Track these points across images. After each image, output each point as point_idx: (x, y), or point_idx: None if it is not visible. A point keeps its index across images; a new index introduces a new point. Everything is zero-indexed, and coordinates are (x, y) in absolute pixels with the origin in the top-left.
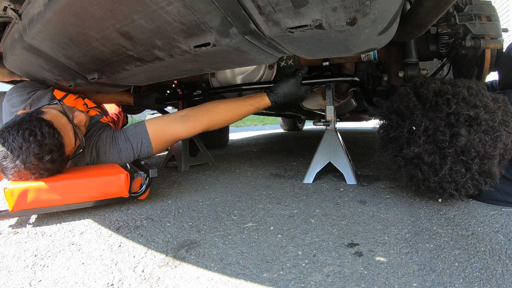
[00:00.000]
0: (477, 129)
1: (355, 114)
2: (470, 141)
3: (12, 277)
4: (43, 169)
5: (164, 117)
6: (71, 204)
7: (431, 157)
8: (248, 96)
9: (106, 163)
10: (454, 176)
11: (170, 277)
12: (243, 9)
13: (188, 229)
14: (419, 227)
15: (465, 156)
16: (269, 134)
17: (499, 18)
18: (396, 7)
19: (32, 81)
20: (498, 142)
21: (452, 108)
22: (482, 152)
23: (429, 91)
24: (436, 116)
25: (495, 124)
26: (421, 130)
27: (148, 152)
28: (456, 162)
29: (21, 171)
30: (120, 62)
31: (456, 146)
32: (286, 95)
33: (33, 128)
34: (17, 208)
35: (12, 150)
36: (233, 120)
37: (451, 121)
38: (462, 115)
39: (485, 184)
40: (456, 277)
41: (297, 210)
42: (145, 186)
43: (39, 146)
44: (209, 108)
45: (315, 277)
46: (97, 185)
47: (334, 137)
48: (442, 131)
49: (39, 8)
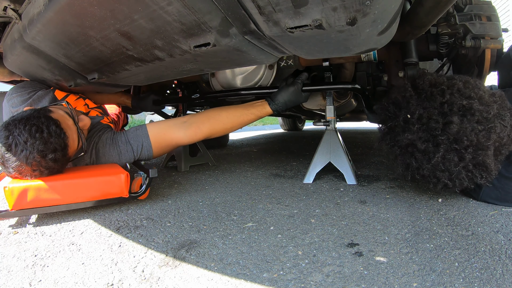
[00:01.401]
0: (470, 119)
1: (355, 114)
2: (463, 129)
3: (12, 277)
4: (45, 167)
5: (166, 121)
6: (71, 204)
7: (424, 144)
8: (250, 104)
9: (106, 164)
10: (447, 165)
11: (170, 277)
12: (243, 9)
13: (188, 229)
14: (419, 227)
15: (458, 145)
16: (269, 134)
17: (499, 18)
18: (396, 7)
19: (32, 82)
20: (492, 133)
21: (446, 98)
22: (475, 142)
23: (424, 82)
24: (430, 105)
25: (489, 115)
26: (415, 118)
27: (148, 155)
28: (449, 151)
29: (22, 166)
30: (120, 62)
31: (449, 134)
32: (287, 104)
33: (41, 125)
34: (17, 207)
35: (16, 143)
36: (235, 128)
37: (444, 110)
38: (456, 105)
39: (481, 178)
40: (456, 277)
41: (297, 210)
42: (145, 186)
43: (44, 144)
44: (210, 115)
45: (315, 277)
46: (97, 185)
47: (334, 137)
48: (435, 119)
49: (39, 8)
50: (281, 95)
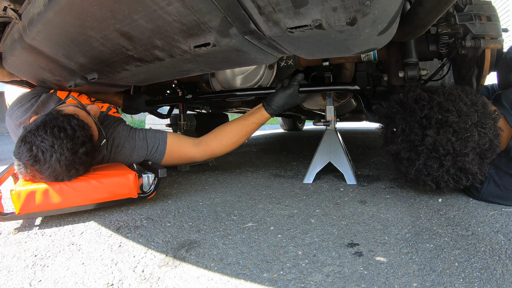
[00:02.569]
0: (446, 131)
1: (355, 114)
2: (438, 140)
3: (12, 277)
4: (79, 163)
5: (184, 136)
6: (79, 206)
7: (408, 154)
8: (248, 113)
9: (112, 164)
10: (429, 170)
11: (170, 277)
12: (243, 9)
13: (188, 229)
14: (419, 227)
15: (436, 153)
16: (269, 134)
17: (499, 18)
18: (396, 7)
19: (29, 91)
20: (468, 142)
21: (424, 113)
22: (451, 150)
23: (409, 99)
24: (411, 119)
25: (466, 125)
26: (399, 131)
27: (158, 159)
28: (429, 158)
29: (57, 170)
30: (120, 62)
31: (426, 145)
32: (284, 107)
33: (61, 123)
34: (23, 211)
35: (43, 151)
36: (241, 141)
37: (423, 124)
38: (433, 119)
39: (467, 180)
40: (456, 277)
41: (297, 210)
42: (154, 186)
43: (71, 140)
44: (217, 133)
45: (315, 277)
46: (106, 186)
47: (334, 137)
48: (415, 131)
49: (39, 8)
50: (277, 99)
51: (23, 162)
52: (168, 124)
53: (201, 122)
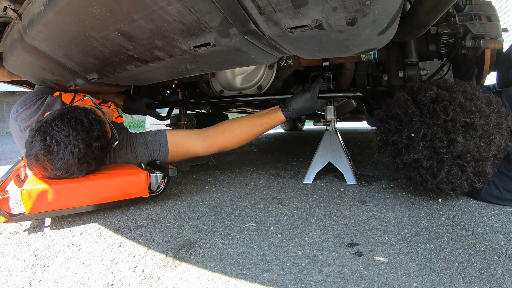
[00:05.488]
0: (472, 135)
1: (355, 114)
2: (466, 147)
3: (12, 277)
4: (92, 157)
5: (185, 131)
6: (89, 205)
7: (429, 162)
8: (263, 112)
9: (122, 163)
10: (451, 178)
11: (170, 277)
12: (243, 9)
13: (188, 229)
14: (419, 227)
15: (461, 160)
16: (269, 134)
17: (499, 18)
18: (396, 7)
19: (32, 92)
20: (492, 145)
21: (449, 116)
22: (477, 156)
23: (426, 98)
24: (433, 123)
25: (489, 128)
26: (419, 136)
27: (162, 161)
28: (452, 166)
29: (69, 161)
30: (120, 62)
31: (453, 152)
32: (301, 111)
33: (79, 116)
34: (34, 211)
35: (58, 141)
36: (249, 139)
37: (448, 128)
38: (459, 122)
39: (479, 182)
40: (456, 277)
41: (297, 210)
42: (164, 185)
43: (87, 133)
44: (225, 128)
45: (315, 277)
46: (118, 185)
47: (334, 137)
48: (440, 137)
49: (39, 8)
50: (296, 101)
51: (34, 152)
52: (168, 124)
53: (201, 122)
